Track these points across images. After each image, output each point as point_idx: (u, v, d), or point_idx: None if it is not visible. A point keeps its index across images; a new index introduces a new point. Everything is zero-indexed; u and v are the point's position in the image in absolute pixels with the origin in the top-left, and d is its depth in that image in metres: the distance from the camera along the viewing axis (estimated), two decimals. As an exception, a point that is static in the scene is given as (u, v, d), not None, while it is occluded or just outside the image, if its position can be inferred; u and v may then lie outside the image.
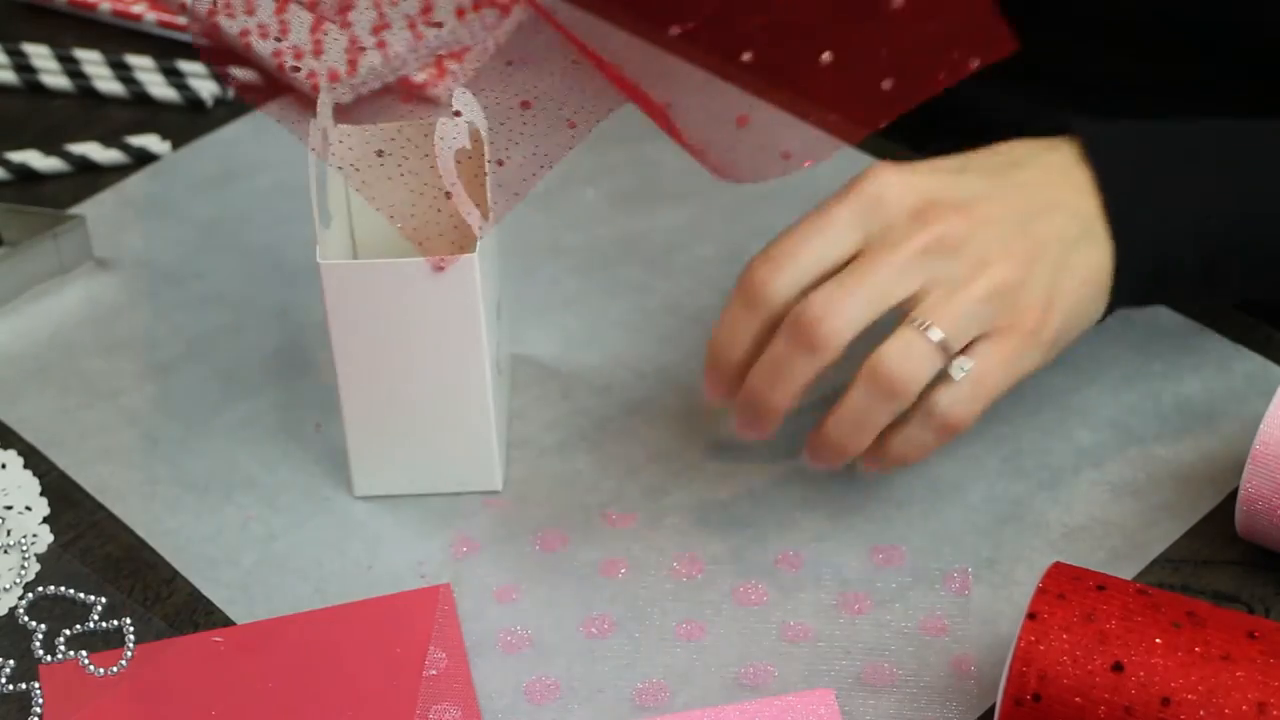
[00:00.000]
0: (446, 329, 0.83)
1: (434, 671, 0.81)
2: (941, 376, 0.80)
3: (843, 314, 0.79)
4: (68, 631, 0.83)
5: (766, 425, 0.83)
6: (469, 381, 0.84)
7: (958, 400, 0.80)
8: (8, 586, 0.85)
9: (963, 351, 0.80)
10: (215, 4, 0.96)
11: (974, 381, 0.80)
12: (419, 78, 1.09)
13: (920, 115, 0.82)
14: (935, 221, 0.80)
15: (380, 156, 0.88)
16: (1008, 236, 0.80)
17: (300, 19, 1.12)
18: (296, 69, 1.09)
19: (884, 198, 0.80)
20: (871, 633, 0.82)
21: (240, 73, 1.10)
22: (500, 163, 0.82)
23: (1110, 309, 0.85)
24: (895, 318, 0.80)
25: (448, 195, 0.81)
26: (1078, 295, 0.82)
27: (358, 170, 0.88)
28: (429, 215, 0.89)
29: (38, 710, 0.80)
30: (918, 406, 0.81)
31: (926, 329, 0.79)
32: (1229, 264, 0.85)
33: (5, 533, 0.87)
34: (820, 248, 0.80)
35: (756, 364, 0.81)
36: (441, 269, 0.81)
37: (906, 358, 0.79)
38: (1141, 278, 0.84)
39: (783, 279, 0.80)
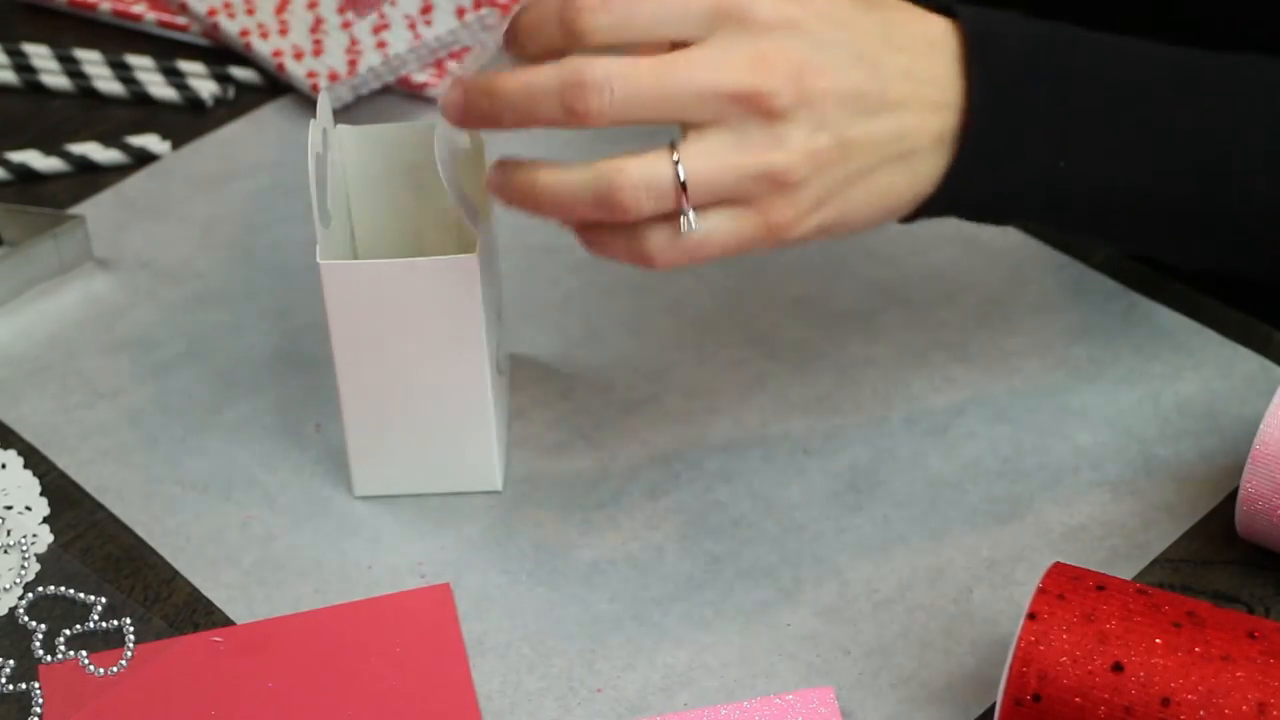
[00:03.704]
0: (446, 329, 0.83)
1: (434, 671, 0.81)
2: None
3: (620, 100, 0.72)
4: (68, 631, 0.83)
5: (476, 120, 0.76)
6: (469, 381, 0.84)
7: (670, 247, 0.75)
8: (8, 586, 0.85)
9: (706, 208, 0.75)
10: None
11: (694, 241, 0.75)
12: (419, 78, 1.09)
13: None
14: (770, 76, 0.73)
15: (381, 157, 0.88)
16: (820, 129, 0.74)
17: (300, 19, 1.12)
18: (296, 69, 1.09)
19: (748, 14, 0.73)
20: (871, 632, 0.82)
21: (240, 73, 1.11)
22: None
23: (916, 218, 0.80)
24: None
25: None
26: (862, 211, 0.77)
27: (358, 170, 0.89)
28: (429, 215, 0.89)
29: (38, 710, 0.80)
30: (635, 226, 0.75)
31: (678, 163, 0.73)
32: (1075, 208, 0.81)
33: (5, 533, 0.87)
34: (659, 17, 0.73)
35: (520, 70, 0.74)
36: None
37: (644, 187, 0.73)
38: (969, 207, 0.80)
39: (605, 20, 0.73)
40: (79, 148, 1.06)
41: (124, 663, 0.82)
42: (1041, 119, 0.78)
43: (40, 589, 0.85)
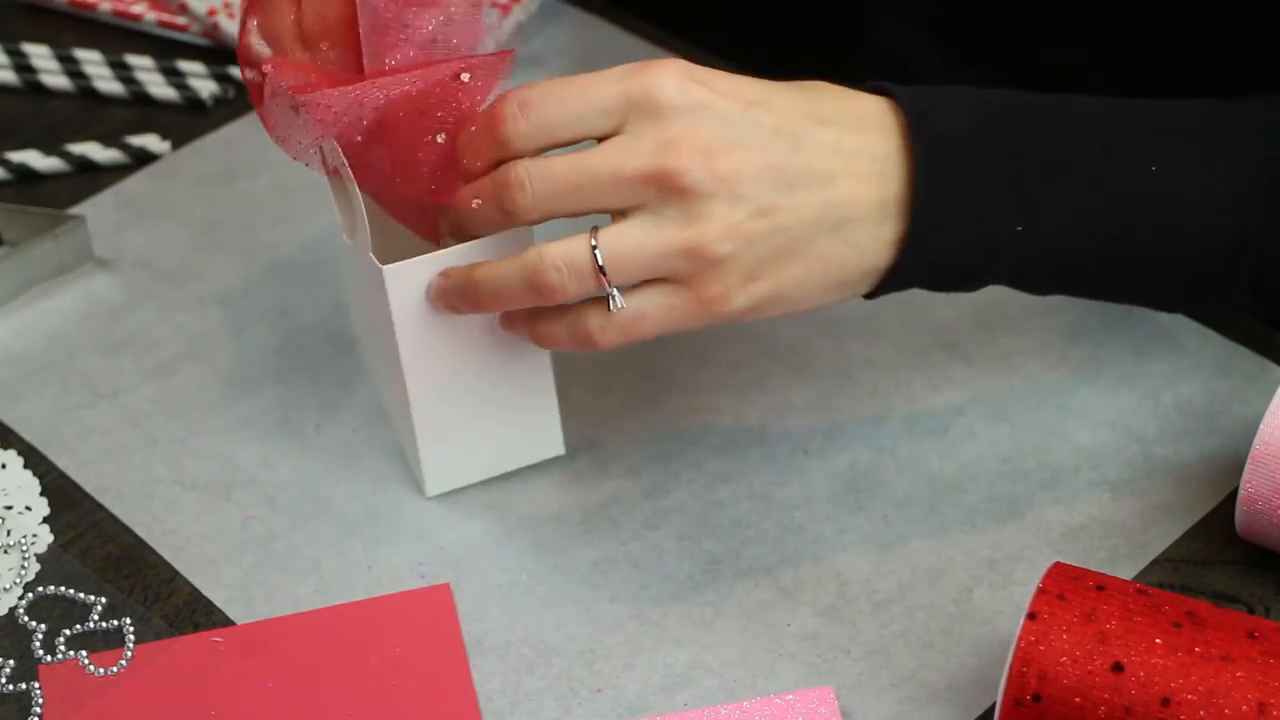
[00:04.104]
0: None
1: (434, 672, 0.81)
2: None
3: (540, 194, 0.77)
4: (68, 631, 0.83)
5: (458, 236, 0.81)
6: (531, 351, 0.84)
7: (605, 327, 0.78)
8: (8, 586, 0.85)
9: (640, 285, 0.78)
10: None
11: (628, 318, 0.78)
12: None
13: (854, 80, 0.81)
14: (677, 156, 0.75)
15: None
16: (739, 203, 0.76)
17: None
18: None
19: (654, 101, 0.76)
20: (872, 632, 0.82)
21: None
22: None
23: (879, 294, 0.81)
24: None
25: None
26: (805, 284, 0.78)
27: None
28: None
29: (38, 710, 0.80)
30: (573, 309, 0.79)
31: (596, 249, 0.76)
32: (1041, 270, 0.82)
33: (5, 533, 0.87)
34: (573, 114, 0.77)
35: (471, 184, 0.79)
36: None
37: (565, 266, 0.77)
38: (930, 277, 0.81)
39: (524, 126, 0.77)
40: (79, 148, 1.06)
41: (124, 663, 0.82)
42: (992, 184, 0.79)
43: (40, 589, 0.85)
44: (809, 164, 0.77)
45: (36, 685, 0.81)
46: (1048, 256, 0.80)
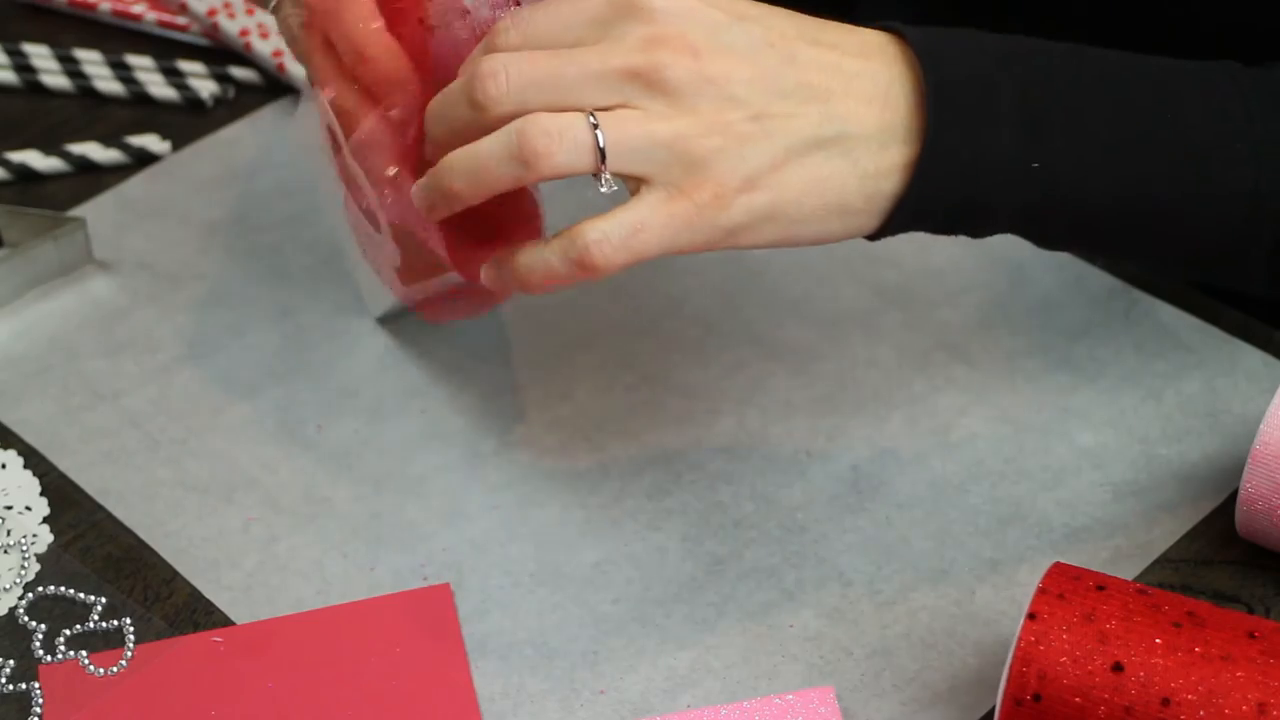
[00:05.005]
0: None
1: (433, 672, 0.81)
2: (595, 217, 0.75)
3: (516, 85, 0.74)
4: (68, 631, 0.83)
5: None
6: None
7: (605, 239, 0.73)
8: (8, 586, 0.85)
9: (634, 194, 0.75)
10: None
11: (629, 229, 0.73)
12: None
13: None
14: (660, 52, 0.73)
15: None
16: (729, 103, 0.74)
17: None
18: (297, 69, 1.09)
19: (639, 5, 0.74)
20: (874, 633, 0.82)
21: (240, 73, 1.11)
22: None
23: (886, 231, 0.78)
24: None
25: None
26: (803, 202, 0.75)
27: None
28: None
29: (38, 710, 0.80)
30: (563, 231, 0.75)
31: (596, 127, 0.73)
32: (1052, 214, 0.79)
33: (5, 533, 0.87)
34: (560, 28, 0.75)
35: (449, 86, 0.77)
36: None
37: (559, 134, 0.73)
38: (938, 212, 0.78)
39: (514, 37, 0.76)
40: (79, 148, 1.06)
41: (124, 663, 0.82)
42: (1005, 117, 0.77)
43: (40, 589, 0.85)
44: (804, 78, 0.75)
45: (36, 685, 0.81)
46: (1060, 199, 0.78)
